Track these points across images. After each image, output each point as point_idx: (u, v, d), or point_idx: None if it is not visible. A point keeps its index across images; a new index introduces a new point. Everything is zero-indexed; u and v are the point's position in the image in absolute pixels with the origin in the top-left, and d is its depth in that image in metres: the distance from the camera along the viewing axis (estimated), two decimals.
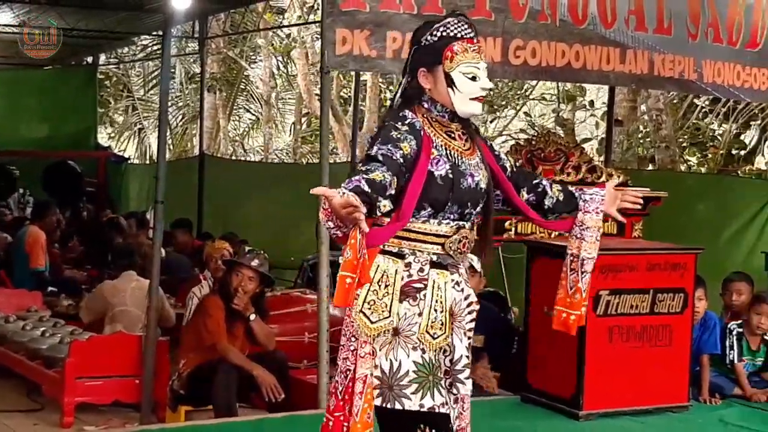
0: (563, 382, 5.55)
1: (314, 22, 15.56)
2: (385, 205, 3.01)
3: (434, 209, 3.17)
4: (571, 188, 3.55)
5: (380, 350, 3.15)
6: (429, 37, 3.27)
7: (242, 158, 20.01)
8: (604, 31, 6.38)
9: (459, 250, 3.25)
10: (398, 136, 3.13)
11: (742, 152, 13.13)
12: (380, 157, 3.04)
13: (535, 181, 3.50)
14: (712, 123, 13.60)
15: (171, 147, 19.46)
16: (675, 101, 13.21)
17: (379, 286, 3.16)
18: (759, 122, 12.40)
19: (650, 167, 12.95)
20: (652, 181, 8.01)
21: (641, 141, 13.91)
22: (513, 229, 7.00)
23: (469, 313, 3.31)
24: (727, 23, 6.96)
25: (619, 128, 12.17)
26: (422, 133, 3.19)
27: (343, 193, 2.79)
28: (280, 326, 6.56)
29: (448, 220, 3.21)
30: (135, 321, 6.83)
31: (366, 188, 2.89)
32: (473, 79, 3.24)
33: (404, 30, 5.57)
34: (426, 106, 3.28)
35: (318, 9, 15.23)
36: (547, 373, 5.68)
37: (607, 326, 5.46)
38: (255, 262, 5.95)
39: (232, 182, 12.61)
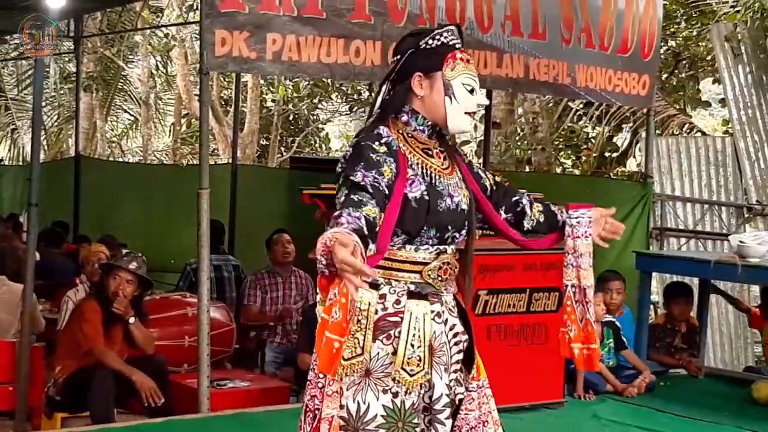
0: None
1: (193, 22, 15.38)
2: (371, 249, 2.75)
3: (409, 235, 2.94)
4: (554, 207, 3.32)
5: (347, 390, 2.94)
6: (430, 41, 3.05)
7: (120, 159, 19.65)
8: (481, 35, 6.50)
9: (440, 278, 3.01)
10: (378, 159, 2.89)
11: (615, 154, 13.50)
12: (369, 188, 2.81)
13: (514, 199, 3.28)
14: (586, 126, 13.95)
15: (45, 148, 18.96)
16: (550, 104, 13.52)
17: (352, 320, 2.87)
18: (630, 125, 12.77)
19: (527, 169, 13.22)
20: (528, 182, 8.20)
21: (518, 143, 14.18)
22: None
23: (456, 344, 3.07)
24: (599, 29, 7.17)
25: (496, 130, 12.39)
26: (398, 152, 2.96)
27: (355, 245, 2.51)
28: (160, 330, 6.48)
29: (426, 245, 2.96)
30: (6, 327, 6.64)
31: (365, 230, 2.65)
32: (471, 92, 3.06)
33: (284, 32, 5.58)
34: (405, 118, 3.06)
35: (197, 8, 15.06)
36: None
37: (486, 325, 5.56)
38: (133, 265, 5.88)
39: (110, 184, 12.37)
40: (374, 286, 2.93)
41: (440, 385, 3.00)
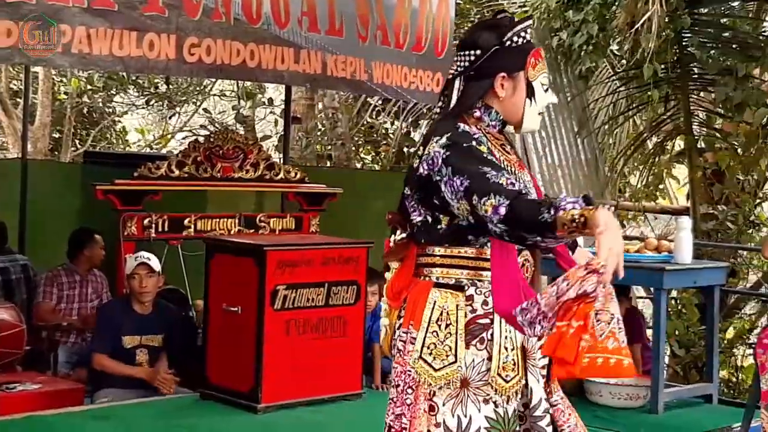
0: (241, 377, 5.62)
1: None
2: None
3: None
4: None
5: (443, 405, 2.76)
6: (515, 39, 2.86)
7: None
8: (278, 31, 6.52)
9: (522, 275, 2.83)
10: (479, 155, 2.73)
11: (413, 149, 13.79)
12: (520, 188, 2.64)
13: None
14: (385, 122, 14.19)
15: None
16: (349, 100, 13.67)
17: (439, 326, 2.76)
18: (427, 121, 13.08)
19: (328, 164, 13.33)
20: (329, 177, 8.27)
21: (319, 138, 14.28)
22: (192, 226, 7.01)
23: (540, 348, 2.83)
24: (394, 27, 7.33)
25: (297, 126, 12.43)
26: (491, 152, 2.82)
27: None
28: None
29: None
30: None
31: None
32: (546, 90, 2.93)
33: (74, 24, 5.43)
34: (477, 114, 2.90)
35: None
36: (226, 369, 5.73)
37: (284, 320, 5.59)
38: None
39: None
40: (458, 288, 2.82)
41: (538, 390, 2.83)
